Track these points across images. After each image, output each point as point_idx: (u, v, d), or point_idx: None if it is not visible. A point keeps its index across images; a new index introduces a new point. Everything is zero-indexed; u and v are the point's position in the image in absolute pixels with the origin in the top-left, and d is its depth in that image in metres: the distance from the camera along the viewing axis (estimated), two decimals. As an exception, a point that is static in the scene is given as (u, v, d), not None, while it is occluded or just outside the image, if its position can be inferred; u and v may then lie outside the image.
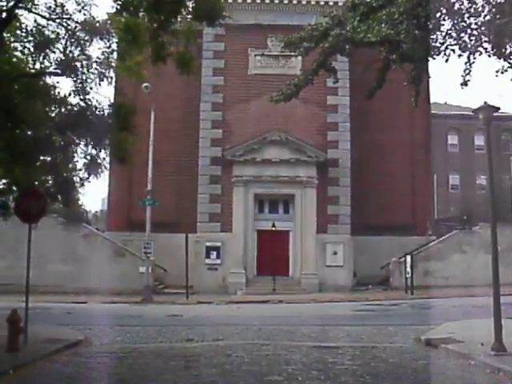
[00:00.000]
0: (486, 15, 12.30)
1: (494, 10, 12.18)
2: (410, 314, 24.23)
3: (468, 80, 12.82)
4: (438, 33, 12.83)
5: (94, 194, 67.72)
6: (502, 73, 12.70)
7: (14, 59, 15.75)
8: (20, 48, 16.65)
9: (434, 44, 12.95)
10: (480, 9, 12.36)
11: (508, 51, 12.59)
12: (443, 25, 12.73)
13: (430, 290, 30.37)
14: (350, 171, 36.44)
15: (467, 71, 12.80)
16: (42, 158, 16.81)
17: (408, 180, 39.22)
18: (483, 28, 12.26)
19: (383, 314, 24.14)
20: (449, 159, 55.59)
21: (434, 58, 13.48)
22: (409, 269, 32.75)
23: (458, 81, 12.86)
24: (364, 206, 36.78)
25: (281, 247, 35.71)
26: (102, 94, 16.82)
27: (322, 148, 36.18)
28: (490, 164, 13.92)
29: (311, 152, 35.90)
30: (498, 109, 13.45)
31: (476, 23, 12.42)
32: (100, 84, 16.18)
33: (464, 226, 38.88)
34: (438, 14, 12.58)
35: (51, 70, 16.35)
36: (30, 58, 16.59)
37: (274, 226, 35.17)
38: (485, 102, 13.26)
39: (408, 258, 33.38)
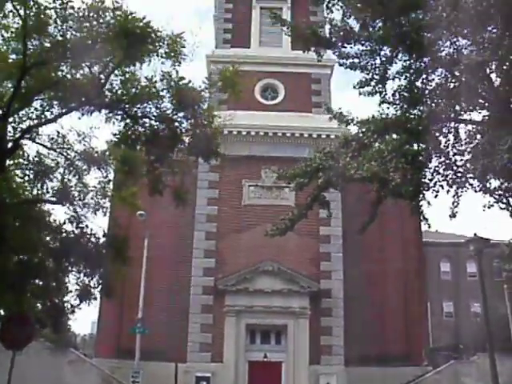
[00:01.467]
0: (469, 153, 12.77)
1: (476, 148, 12.64)
2: None
3: (456, 212, 13.10)
4: (427, 169, 13.27)
5: (83, 316, 67.43)
6: (489, 207, 13.02)
7: (14, 186, 16.09)
8: (20, 175, 17.08)
9: (423, 180, 13.34)
10: (463, 147, 12.85)
11: (493, 187, 12.96)
12: (431, 162, 13.19)
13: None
14: (343, 301, 36.07)
15: (455, 204, 13.12)
16: (33, 282, 16.70)
17: (401, 309, 38.62)
18: (468, 165, 12.69)
19: None
20: (442, 286, 55.21)
21: (423, 194, 13.84)
22: (404, 401, 31.72)
23: (448, 210, 13.12)
24: (357, 336, 36.04)
25: (273, 379, 34.49)
26: (97, 223, 17.06)
27: (314, 278, 36.02)
28: (484, 295, 13.95)
29: (304, 282, 35.68)
30: (488, 241, 13.68)
31: (461, 160, 12.88)
32: (96, 213, 16.45)
33: (461, 356, 38.05)
34: (426, 152, 13.05)
35: (48, 197, 16.66)
36: (28, 185, 16.95)
37: (265, 357, 34.35)
38: (475, 234, 13.51)
39: (403, 390, 32.42)
